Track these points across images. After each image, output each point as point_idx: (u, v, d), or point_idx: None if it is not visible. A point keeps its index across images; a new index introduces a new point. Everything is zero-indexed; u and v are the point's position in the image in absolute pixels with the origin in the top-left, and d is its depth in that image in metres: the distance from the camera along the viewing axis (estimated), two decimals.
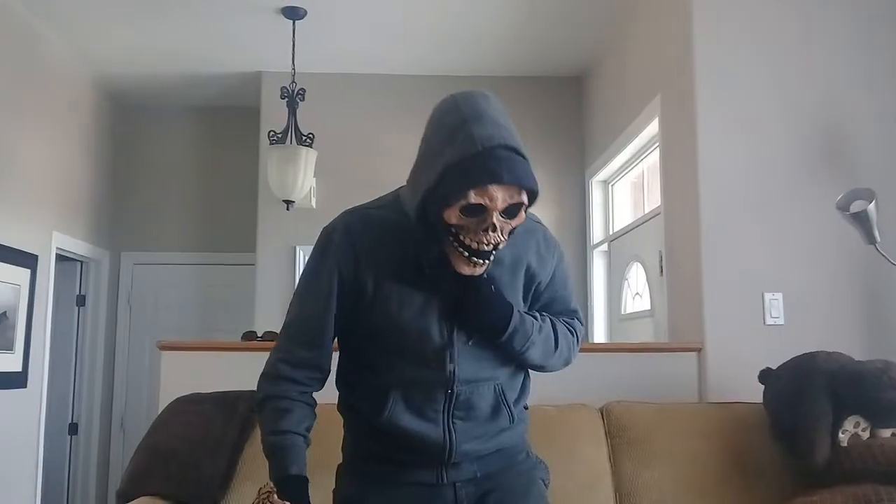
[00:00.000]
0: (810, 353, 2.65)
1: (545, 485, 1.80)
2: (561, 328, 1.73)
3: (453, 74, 5.26)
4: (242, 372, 3.03)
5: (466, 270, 1.52)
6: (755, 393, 2.76)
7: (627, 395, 2.89)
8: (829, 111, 3.25)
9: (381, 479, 1.64)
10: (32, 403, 4.48)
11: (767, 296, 3.15)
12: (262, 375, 1.64)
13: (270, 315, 5.03)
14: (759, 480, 2.58)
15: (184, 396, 2.71)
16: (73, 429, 5.35)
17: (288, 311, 1.66)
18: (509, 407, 1.66)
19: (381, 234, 1.58)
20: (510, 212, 1.47)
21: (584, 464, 2.60)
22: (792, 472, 2.55)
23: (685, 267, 3.37)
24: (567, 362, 1.79)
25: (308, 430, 1.61)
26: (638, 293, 4.37)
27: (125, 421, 5.65)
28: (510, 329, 1.58)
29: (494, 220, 1.45)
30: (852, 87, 3.27)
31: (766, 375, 2.76)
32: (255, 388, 1.65)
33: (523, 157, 1.48)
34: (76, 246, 5.10)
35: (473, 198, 1.43)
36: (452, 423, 1.60)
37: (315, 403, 1.65)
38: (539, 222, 1.75)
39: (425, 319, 1.57)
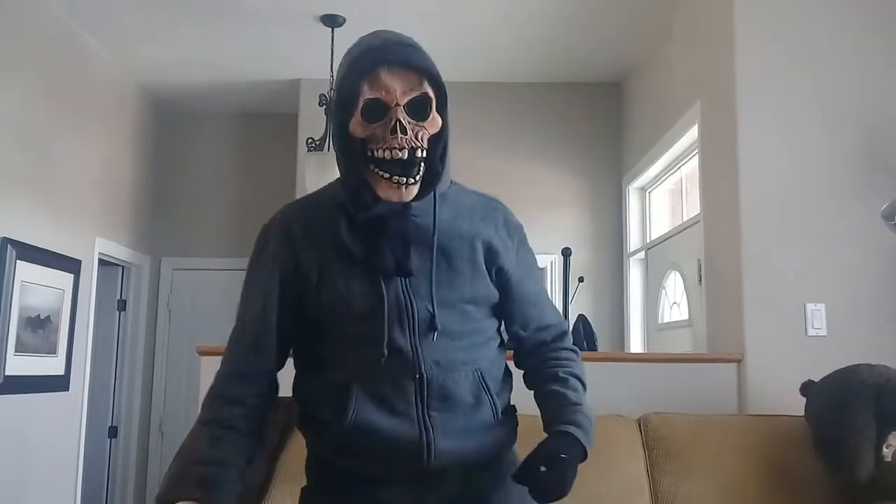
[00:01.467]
0: (853, 365, 2.61)
1: None
2: (576, 384, 1.53)
3: (491, 81, 5.27)
4: (281, 377, 3.07)
5: (394, 196, 1.35)
6: (797, 405, 2.72)
7: (665, 406, 2.86)
8: (872, 119, 3.19)
9: (352, 500, 1.43)
10: (74, 406, 4.56)
11: (809, 306, 3.09)
12: (207, 393, 1.47)
13: None
14: (801, 495, 2.53)
15: None
16: (113, 431, 5.44)
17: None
18: (492, 397, 1.44)
19: (316, 216, 1.45)
20: (416, 109, 1.34)
21: (622, 475, 2.58)
22: (834, 487, 2.51)
23: (725, 276, 3.32)
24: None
25: (248, 460, 1.42)
26: (675, 302, 4.32)
27: (164, 424, 5.72)
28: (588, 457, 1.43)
29: (399, 115, 1.32)
30: (895, 94, 3.21)
31: (808, 388, 2.72)
32: (291, 395, 1.54)
33: (418, 48, 1.38)
34: (118, 251, 5.19)
35: (367, 92, 1.32)
36: (428, 415, 1.38)
37: (259, 428, 1.46)
38: (499, 202, 1.58)
39: (376, 293, 1.38)
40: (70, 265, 4.44)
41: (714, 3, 3.52)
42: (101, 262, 4.97)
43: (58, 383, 4.35)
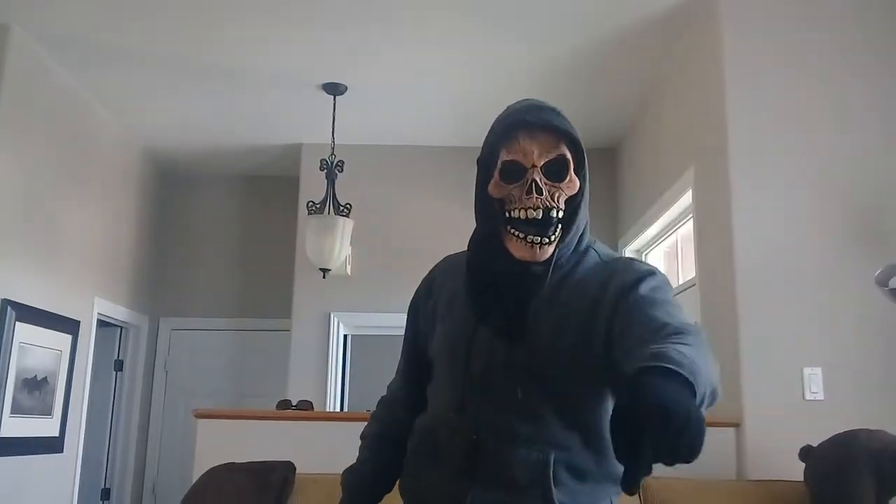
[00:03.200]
0: (852, 430, 2.61)
1: None
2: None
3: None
4: (277, 441, 3.07)
5: (528, 255, 1.34)
6: (795, 470, 2.71)
7: (664, 470, 2.82)
8: (864, 184, 3.24)
9: None
10: (68, 468, 4.51)
11: (807, 370, 3.10)
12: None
13: (304, 381, 5.05)
14: None
15: (218, 466, 2.73)
16: (106, 494, 5.36)
17: None
18: (548, 490, 1.26)
19: (456, 269, 1.48)
20: (553, 170, 1.34)
21: None
22: None
23: (721, 339, 3.34)
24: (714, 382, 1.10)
25: (382, 466, 1.52)
26: None
27: (157, 487, 5.65)
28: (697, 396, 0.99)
29: (535, 177, 1.32)
30: (889, 158, 3.26)
31: (807, 453, 2.71)
32: (289, 457, 1.65)
33: (558, 112, 1.39)
34: (117, 311, 5.20)
35: (506, 155, 1.35)
36: (472, 486, 1.29)
37: (392, 446, 1.52)
38: (618, 261, 1.45)
39: (460, 342, 1.37)
40: (68, 326, 4.45)
41: (705, 70, 3.62)
42: (100, 323, 4.97)
43: (52, 445, 4.31)
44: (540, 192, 1.33)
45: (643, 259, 5.05)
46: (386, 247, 5.29)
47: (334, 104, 4.60)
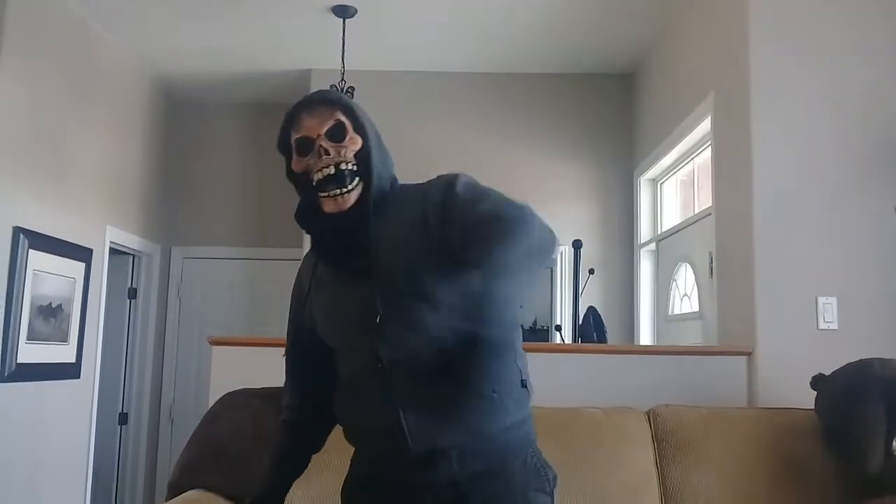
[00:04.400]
0: (865, 359, 2.60)
1: (549, 494, 1.60)
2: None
3: (503, 71, 5.26)
4: None
5: (334, 207, 1.56)
6: (807, 399, 2.71)
7: (675, 398, 2.86)
8: (886, 112, 3.16)
9: (365, 478, 1.65)
10: (85, 394, 4.59)
11: (821, 300, 3.08)
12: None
13: None
14: (810, 488, 2.53)
15: (233, 392, 2.76)
16: (123, 419, 5.47)
17: None
18: (467, 377, 1.49)
19: (311, 253, 1.71)
20: (334, 134, 1.56)
21: (630, 467, 2.58)
22: (843, 481, 2.51)
23: (736, 269, 3.32)
24: (534, 248, 1.40)
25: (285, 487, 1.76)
26: (686, 294, 4.31)
27: (174, 412, 5.76)
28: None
29: (321, 143, 1.55)
30: None
31: (818, 381, 2.71)
32: None
33: (331, 91, 1.66)
34: (129, 240, 5.21)
35: (295, 134, 1.58)
36: (398, 405, 1.50)
37: (305, 447, 1.77)
38: (426, 183, 1.62)
39: (343, 303, 1.59)
40: (81, 254, 4.46)
41: None
42: (112, 251, 4.99)
43: (69, 371, 4.38)
44: (328, 154, 1.54)
45: (658, 188, 5.00)
46: (397, 175, 5.24)
47: (343, 27, 4.50)
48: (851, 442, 2.43)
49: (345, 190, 1.55)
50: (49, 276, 4.10)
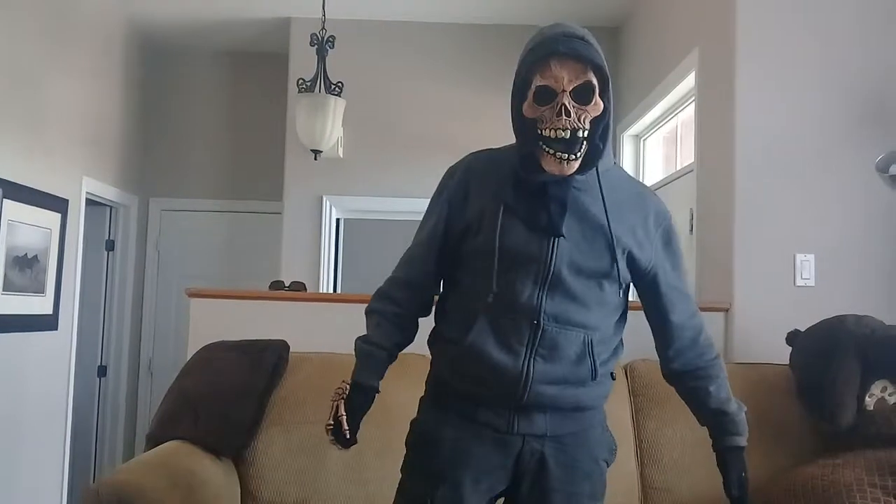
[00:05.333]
0: (840, 316, 2.63)
1: (607, 465, 1.78)
2: (720, 373, 1.84)
3: (485, 23, 5.18)
4: (270, 321, 3.08)
5: (555, 169, 1.55)
6: (782, 354, 2.75)
7: (652, 353, 2.85)
8: (871, 69, 3.15)
9: (456, 413, 1.67)
10: (63, 345, 4.57)
11: (799, 257, 3.10)
12: (375, 293, 1.79)
13: (297, 264, 5.06)
14: (783, 441, 2.57)
15: (212, 344, 2.75)
16: (102, 371, 5.46)
17: None
18: (594, 361, 1.64)
19: (495, 169, 1.67)
20: (581, 94, 1.53)
21: (607, 420, 2.60)
22: (816, 435, 2.55)
23: (716, 225, 3.33)
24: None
25: (396, 346, 1.74)
26: None
27: (153, 364, 5.75)
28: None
29: (565, 101, 1.52)
30: (894, 47, 3.16)
31: (794, 337, 2.74)
32: (281, 338, 1.85)
33: (587, 40, 1.57)
34: (105, 191, 5.14)
35: (539, 80, 1.53)
36: (534, 359, 1.60)
37: (410, 326, 1.76)
38: (651, 192, 1.79)
39: (526, 245, 1.60)
40: (57, 204, 4.40)
41: None
42: (89, 202, 4.92)
43: (46, 322, 4.34)
44: (568, 115, 1.52)
45: (641, 144, 4.98)
46: (379, 129, 5.18)
47: None
48: (824, 397, 2.47)
49: (573, 157, 1.55)
50: (24, 226, 4.04)
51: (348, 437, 1.67)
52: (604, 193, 1.61)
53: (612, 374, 1.75)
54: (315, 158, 4.58)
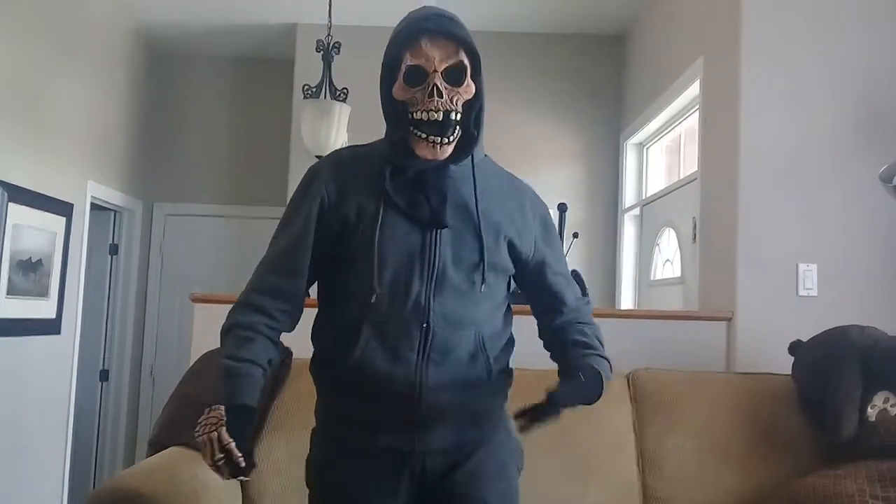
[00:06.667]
0: (843, 326, 2.63)
1: (519, 469, 1.68)
2: (594, 331, 1.70)
3: (489, 30, 5.19)
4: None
5: (429, 154, 1.49)
6: (784, 364, 2.74)
7: (654, 362, 2.88)
8: (876, 79, 3.15)
9: (353, 446, 1.56)
10: (66, 349, 4.57)
11: (802, 266, 3.10)
12: (234, 305, 1.60)
13: None
14: (784, 452, 2.57)
15: (215, 350, 2.74)
16: (104, 375, 5.46)
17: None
18: (488, 359, 1.55)
19: (366, 164, 1.57)
20: (453, 75, 1.48)
21: (609, 428, 2.61)
22: (817, 445, 2.54)
23: (719, 234, 3.32)
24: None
25: (269, 362, 1.55)
26: (669, 259, 4.33)
27: (155, 369, 5.75)
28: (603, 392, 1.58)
29: (436, 81, 1.46)
30: None
31: (796, 347, 2.74)
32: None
33: (457, 21, 1.51)
34: (110, 195, 5.15)
35: (410, 59, 1.47)
36: (426, 365, 1.49)
37: (279, 341, 1.59)
38: (525, 184, 1.70)
39: (406, 239, 1.51)
40: (62, 208, 4.41)
41: None
42: (94, 207, 4.93)
43: (49, 326, 4.35)
44: (441, 96, 1.46)
45: (644, 152, 4.99)
46: (383, 135, 5.19)
47: None
48: (826, 408, 2.47)
49: (446, 141, 1.48)
50: (29, 229, 4.05)
51: (243, 464, 1.44)
52: (476, 181, 1.54)
53: (509, 370, 1.66)
54: None
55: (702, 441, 2.60)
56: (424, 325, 1.49)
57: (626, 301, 4.95)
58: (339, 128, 4.36)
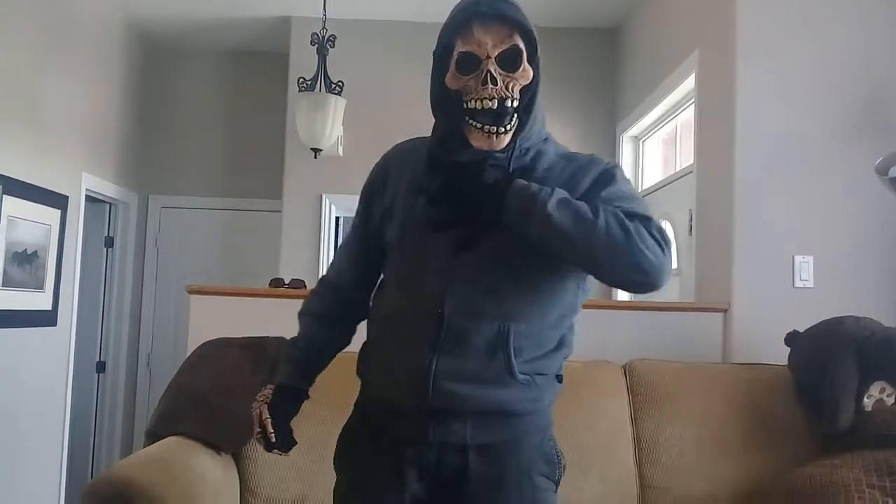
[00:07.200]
0: (839, 317, 2.64)
1: (555, 483, 1.56)
2: (609, 211, 1.38)
3: None
4: (269, 318, 3.07)
5: (485, 145, 1.41)
6: (780, 355, 2.75)
7: (651, 353, 2.89)
8: (872, 72, 3.16)
9: (371, 437, 1.55)
10: (62, 341, 4.57)
11: (798, 258, 3.11)
12: (311, 291, 1.74)
13: (296, 262, 5.06)
14: (781, 442, 2.58)
15: (212, 340, 2.75)
16: (101, 367, 5.45)
17: None
18: (509, 356, 1.43)
19: (414, 154, 1.56)
20: (507, 60, 1.40)
21: (606, 419, 2.62)
22: (814, 436, 2.55)
23: (716, 226, 3.33)
24: (639, 259, 1.37)
25: (321, 344, 1.66)
26: None
27: (151, 361, 5.75)
28: (507, 204, 1.36)
29: (490, 67, 1.39)
30: (894, 49, 3.17)
31: (792, 338, 2.75)
32: (281, 335, 1.80)
33: (512, 2, 1.45)
34: (105, 188, 5.14)
35: (461, 46, 1.41)
36: (437, 354, 1.43)
37: (336, 326, 1.68)
38: (586, 158, 1.54)
39: (426, 231, 1.46)
40: (57, 200, 4.40)
41: None
42: (89, 199, 4.92)
43: (45, 318, 4.35)
44: (495, 83, 1.38)
45: (640, 145, 4.99)
46: (379, 128, 5.16)
47: None
48: (822, 398, 2.48)
49: (502, 130, 1.40)
50: (24, 222, 4.04)
51: (274, 440, 1.54)
52: (511, 164, 1.44)
53: (553, 376, 1.54)
54: (315, 157, 4.58)
55: (699, 431, 2.61)
56: (440, 312, 1.43)
57: (623, 293, 4.95)
58: (334, 121, 4.36)
